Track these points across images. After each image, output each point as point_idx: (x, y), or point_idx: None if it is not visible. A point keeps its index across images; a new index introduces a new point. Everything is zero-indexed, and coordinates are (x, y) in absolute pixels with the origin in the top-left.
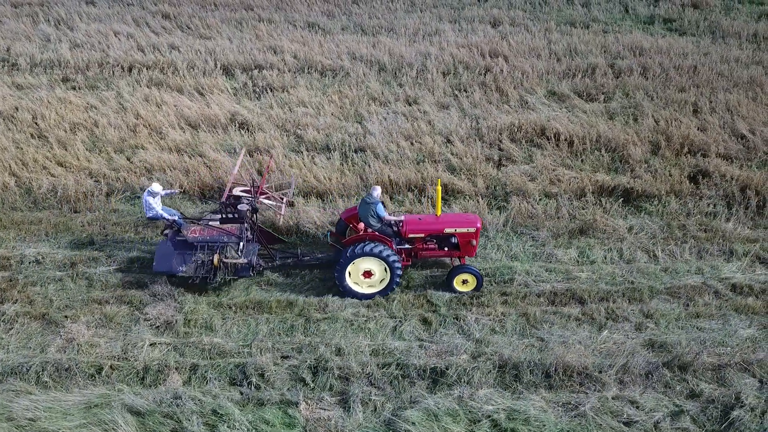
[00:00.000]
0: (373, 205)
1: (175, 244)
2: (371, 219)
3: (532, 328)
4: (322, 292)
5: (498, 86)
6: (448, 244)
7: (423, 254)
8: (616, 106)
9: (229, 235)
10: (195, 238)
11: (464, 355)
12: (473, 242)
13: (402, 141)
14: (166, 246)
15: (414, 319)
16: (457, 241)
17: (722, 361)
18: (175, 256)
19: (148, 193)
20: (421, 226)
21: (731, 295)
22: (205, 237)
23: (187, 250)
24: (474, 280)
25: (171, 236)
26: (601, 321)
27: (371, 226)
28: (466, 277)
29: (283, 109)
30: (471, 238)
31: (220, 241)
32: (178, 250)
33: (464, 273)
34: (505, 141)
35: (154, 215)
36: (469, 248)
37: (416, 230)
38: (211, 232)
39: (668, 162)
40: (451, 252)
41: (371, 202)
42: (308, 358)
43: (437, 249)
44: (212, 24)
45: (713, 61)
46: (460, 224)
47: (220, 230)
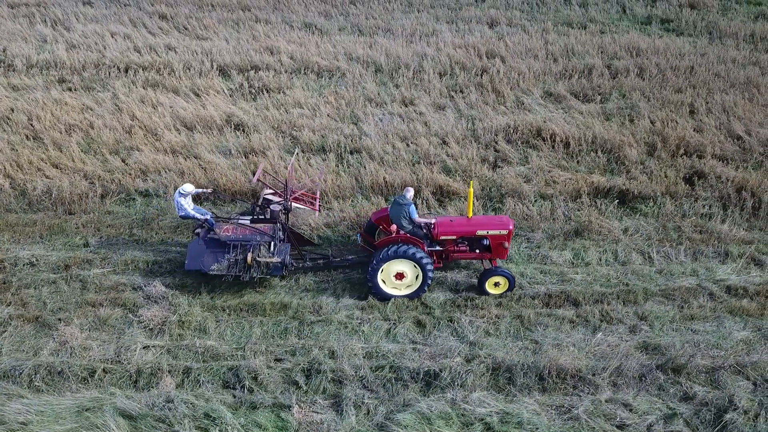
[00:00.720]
0: (406, 206)
1: (207, 242)
2: (403, 221)
3: (527, 330)
4: (316, 295)
5: (494, 87)
6: (480, 246)
7: (454, 256)
8: (613, 107)
9: (262, 234)
10: (228, 236)
11: (458, 358)
12: (505, 244)
13: (398, 142)
14: (197, 245)
15: (408, 321)
16: (489, 243)
17: (716, 363)
18: (206, 254)
19: (179, 193)
20: (453, 228)
21: (726, 297)
22: (237, 236)
23: (218, 248)
24: (506, 283)
25: (203, 235)
26: (596, 323)
27: (403, 227)
28: (498, 280)
29: (278, 110)
30: (503, 240)
31: (253, 239)
32: (210, 248)
33: (497, 276)
34: (501, 142)
35: (186, 214)
36: (501, 250)
37: (448, 232)
38: (243, 231)
39: (664, 163)
40: (482, 254)
41: (404, 203)
42: (301, 361)
43: (468, 251)
44: (209, 25)
45: (710, 62)
46: (493, 226)
47: (253, 229)
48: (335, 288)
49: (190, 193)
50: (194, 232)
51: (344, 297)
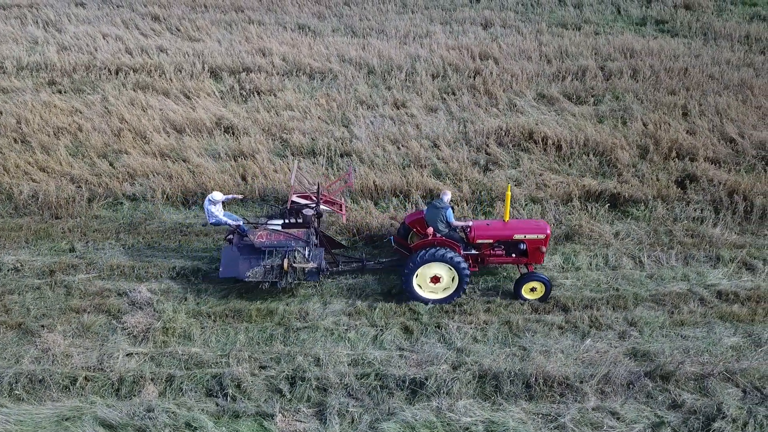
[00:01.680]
0: (443, 210)
1: (241, 249)
2: (440, 224)
3: (515, 336)
4: (303, 300)
5: (487, 89)
6: (516, 250)
7: (490, 260)
8: (605, 109)
9: (297, 239)
10: (262, 242)
11: (444, 365)
12: (542, 249)
13: (388, 145)
14: (231, 251)
15: (395, 327)
16: (525, 248)
17: (705, 370)
18: (241, 261)
19: (208, 201)
20: (490, 231)
21: (716, 303)
22: (272, 242)
23: (252, 254)
24: (542, 288)
25: (236, 241)
26: (584, 329)
27: (440, 231)
28: (534, 285)
29: (269, 112)
30: (540, 245)
31: (288, 245)
32: (244, 255)
33: (533, 281)
34: (492, 145)
35: (217, 221)
36: (538, 255)
37: (485, 236)
38: (278, 237)
39: (656, 166)
40: (518, 258)
41: (441, 206)
42: (286, 369)
43: (504, 255)
44: (202, 26)
45: (704, 63)
46: (530, 230)
47: (288, 235)
48: (322, 294)
49: (219, 201)
50: (225, 239)
51: (331, 303)
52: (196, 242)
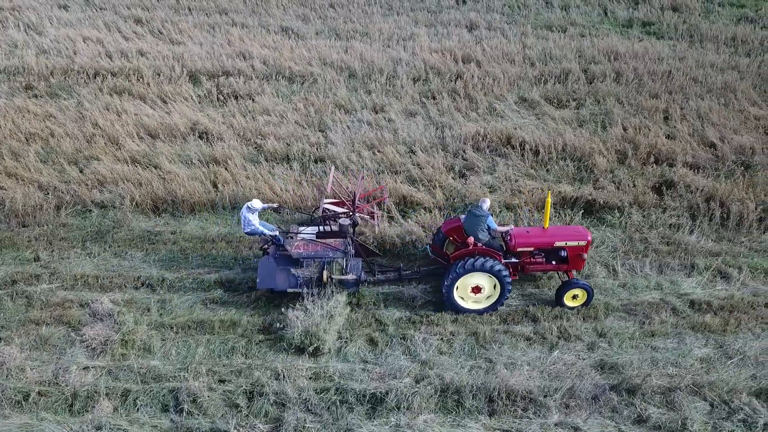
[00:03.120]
0: (483, 217)
1: (278, 260)
2: (480, 233)
3: (481, 348)
4: (267, 311)
5: (467, 93)
6: (557, 257)
7: (530, 268)
8: (586, 113)
9: (335, 250)
10: (300, 253)
11: (407, 379)
12: (583, 255)
13: (364, 151)
14: (268, 262)
15: (360, 339)
16: (566, 255)
17: (673, 383)
18: (278, 272)
19: (247, 208)
20: (531, 239)
21: (689, 312)
22: (309, 252)
23: (289, 265)
24: (584, 295)
25: (273, 252)
26: (553, 340)
27: (480, 239)
28: (576, 292)
29: (245, 117)
30: (581, 251)
31: (325, 256)
32: (281, 265)
33: (575, 288)
34: (469, 150)
35: (253, 231)
36: (579, 262)
37: (525, 243)
38: (315, 247)
39: (634, 172)
40: (558, 266)
41: (481, 214)
42: (244, 383)
43: (545, 263)
44: (184, 29)
45: (688, 66)
46: (571, 237)
47: (325, 245)
48: (287, 305)
49: (258, 209)
50: (261, 248)
51: None
52: (163, 250)
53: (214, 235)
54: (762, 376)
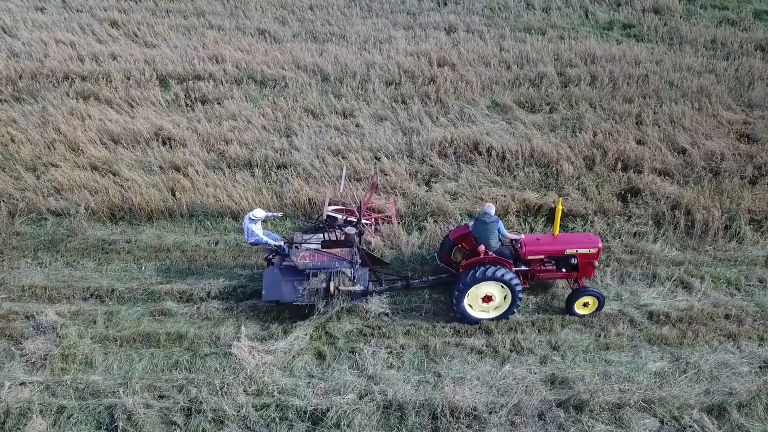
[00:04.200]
0: (493, 224)
1: (283, 271)
2: (491, 240)
3: (431, 362)
4: (217, 324)
5: (439, 98)
6: (567, 265)
7: (540, 276)
8: (558, 118)
9: (341, 260)
10: (305, 264)
11: (351, 395)
12: (594, 263)
13: (329, 157)
14: (273, 273)
15: (309, 353)
16: (576, 262)
17: (623, 399)
18: (283, 283)
19: (249, 219)
20: (542, 246)
21: (647, 324)
22: (315, 263)
23: (295, 276)
24: (595, 302)
25: (278, 263)
26: (505, 354)
27: (491, 247)
28: (587, 300)
29: (211, 122)
30: (592, 259)
31: (332, 266)
32: (287, 276)
33: (586, 296)
34: (434, 157)
35: (257, 241)
36: (589, 269)
37: (536, 251)
38: (321, 257)
39: (601, 178)
40: (569, 273)
41: (491, 221)
42: (182, 399)
43: (555, 270)
44: (160, 31)
45: (665, 70)
46: (582, 244)
47: (331, 255)
48: (238, 317)
49: (260, 219)
50: (265, 259)
51: (246, 326)
52: (117, 260)
53: (170, 244)
54: (715, 391)
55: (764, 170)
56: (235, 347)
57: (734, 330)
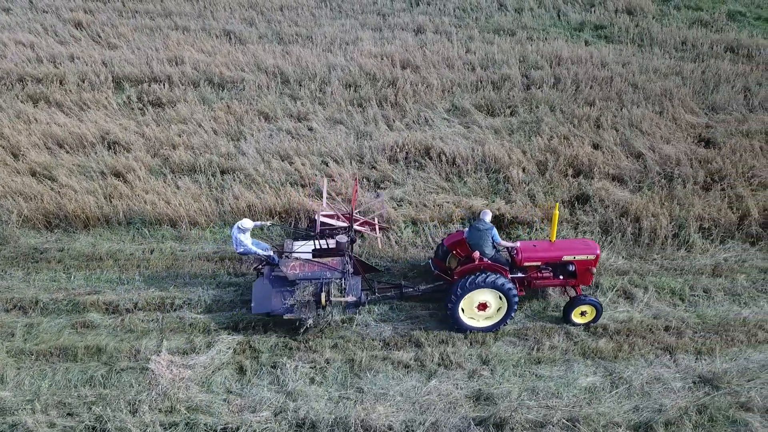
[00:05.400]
0: (488, 231)
1: (273, 281)
2: (486, 247)
3: (356, 377)
4: (139, 337)
5: (397, 101)
6: (565, 272)
7: (537, 283)
8: (516, 121)
9: (333, 270)
10: (296, 274)
11: (266, 412)
12: (592, 270)
13: (276, 162)
14: (263, 284)
15: (230, 367)
16: (574, 269)
17: (547, 417)
18: (274, 294)
19: (237, 229)
20: (538, 253)
21: (583, 337)
22: (306, 273)
23: (285, 287)
24: (593, 311)
25: (267, 273)
26: (432, 368)
27: (485, 254)
28: (585, 309)
29: (160, 126)
30: (590, 266)
31: (323, 276)
32: (277, 287)
33: (584, 305)
34: (383, 162)
35: (245, 251)
36: (587, 276)
37: (533, 258)
38: (312, 267)
39: (552, 184)
40: (566, 280)
41: (485, 228)
42: (88, 418)
43: (552, 277)
44: (124, 33)
45: (631, 72)
46: (580, 251)
47: (322, 265)
48: (163, 329)
49: (248, 229)
50: (255, 269)
51: (169, 339)
52: (46, 270)
53: (103, 253)
54: (644, 408)
55: (719, 176)
56: (153, 361)
57: (672, 343)
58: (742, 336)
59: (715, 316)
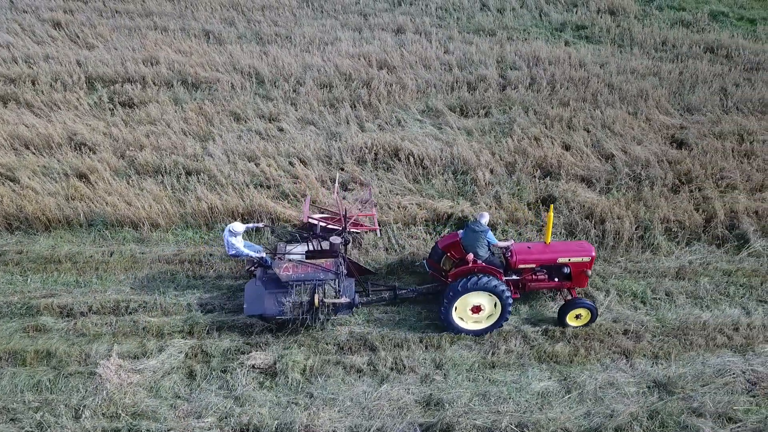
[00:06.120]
0: (483, 233)
1: (265, 283)
2: (480, 249)
3: (307, 381)
4: (91, 340)
5: (371, 101)
6: (560, 274)
7: (531, 286)
8: (488, 123)
9: (326, 271)
10: (289, 276)
11: (210, 418)
12: (587, 272)
13: (245, 162)
14: (255, 286)
15: (181, 371)
16: (569, 272)
17: (495, 423)
18: (266, 296)
19: (228, 232)
20: (533, 255)
21: (541, 341)
22: (299, 274)
23: (278, 288)
24: (588, 315)
25: (260, 275)
26: (385, 373)
27: (480, 256)
28: (580, 312)
29: (128, 127)
30: (585, 268)
31: (316, 278)
32: (269, 289)
33: (579, 308)
34: (351, 164)
35: (237, 253)
36: (582, 279)
37: (527, 260)
38: (305, 269)
39: (520, 186)
40: (561, 283)
41: (481, 230)
42: (29, 423)
43: (547, 280)
44: (102, 33)
45: (608, 72)
46: (575, 253)
47: (315, 266)
48: (114, 332)
49: (240, 233)
50: (247, 271)
51: (121, 343)
52: (3, 272)
53: (62, 255)
54: (596, 413)
55: (687, 177)
56: (102, 366)
57: (630, 347)
58: (701, 340)
59: (676, 319)
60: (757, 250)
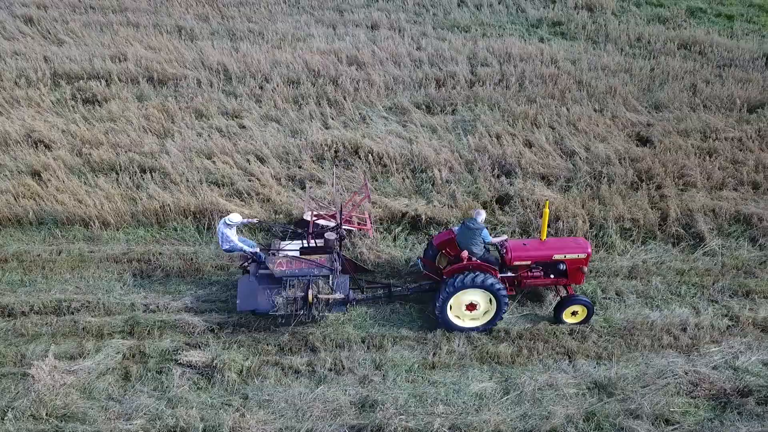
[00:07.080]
0: (478, 231)
1: (259, 279)
2: (475, 247)
3: (243, 383)
4: (29, 341)
5: (336, 99)
6: (555, 271)
7: (527, 283)
8: (452, 120)
9: (320, 267)
10: (282, 271)
11: (139, 420)
12: (584, 269)
13: (200, 160)
14: (248, 282)
15: (116, 372)
16: (565, 268)
17: (427, 425)
18: (260, 292)
19: (224, 224)
20: (528, 252)
21: (484, 341)
22: (293, 270)
23: (272, 284)
24: (584, 311)
25: (254, 271)
26: (323, 374)
27: (474, 254)
28: (576, 309)
29: (87, 124)
30: (581, 265)
31: (310, 274)
32: (263, 285)
33: (576, 304)
34: (308, 161)
35: (231, 247)
36: (578, 275)
37: (522, 257)
38: (299, 265)
39: (478, 184)
40: (557, 280)
41: (476, 227)
42: None
43: (543, 276)
44: (74, 29)
45: (579, 69)
46: (570, 249)
47: (309, 262)
48: (54, 332)
49: (236, 224)
50: (241, 266)
51: (59, 343)
52: None
53: (9, 254)
54: (532, 415)
55: (648, 175)
56: (35, 367)
57: (574, 347)
58: (647, 340)
59: (623, 319)
60: (712, 248)
